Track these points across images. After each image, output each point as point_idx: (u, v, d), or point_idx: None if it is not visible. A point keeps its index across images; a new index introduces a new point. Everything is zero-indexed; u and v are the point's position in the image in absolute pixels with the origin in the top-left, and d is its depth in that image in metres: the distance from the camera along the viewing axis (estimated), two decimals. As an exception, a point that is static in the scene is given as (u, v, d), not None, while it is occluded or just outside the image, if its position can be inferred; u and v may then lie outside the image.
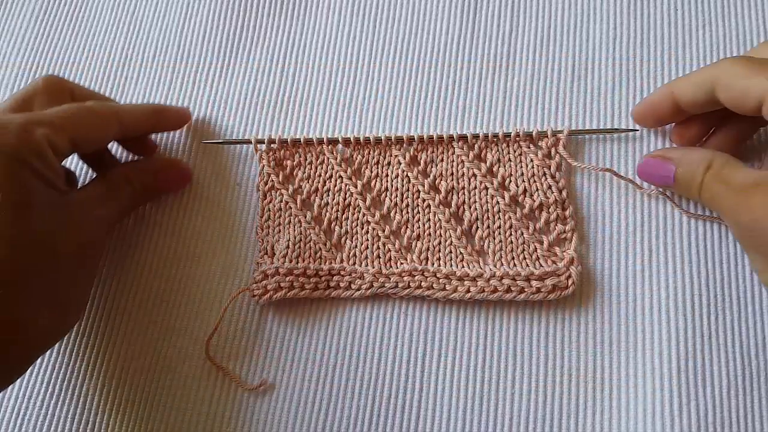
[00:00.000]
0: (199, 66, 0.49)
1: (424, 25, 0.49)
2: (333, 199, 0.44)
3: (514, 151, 0.44)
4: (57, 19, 0.52)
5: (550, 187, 0.43)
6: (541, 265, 0.41)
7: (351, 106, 0.47)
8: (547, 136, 0.43)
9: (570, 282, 0.40)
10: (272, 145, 0.44)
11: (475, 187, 0.43)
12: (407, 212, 0.43)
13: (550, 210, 0.42)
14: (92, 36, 0.51)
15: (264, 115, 0.47)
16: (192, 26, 0.51)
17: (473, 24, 0.49)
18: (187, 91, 0.49)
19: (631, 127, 0.44)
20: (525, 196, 0.43)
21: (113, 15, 0.52)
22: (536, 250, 0.42)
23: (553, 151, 0.43)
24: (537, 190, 0.43)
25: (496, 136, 0.44)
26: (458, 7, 0.49)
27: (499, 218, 0.42)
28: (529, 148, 0.44)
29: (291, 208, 0.43)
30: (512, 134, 0.43)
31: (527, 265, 0.41)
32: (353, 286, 0.42)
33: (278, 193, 0.44)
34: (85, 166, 0.46)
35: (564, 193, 0.42)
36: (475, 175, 0.43)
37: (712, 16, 0.47)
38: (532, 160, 0.43)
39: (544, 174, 0.43)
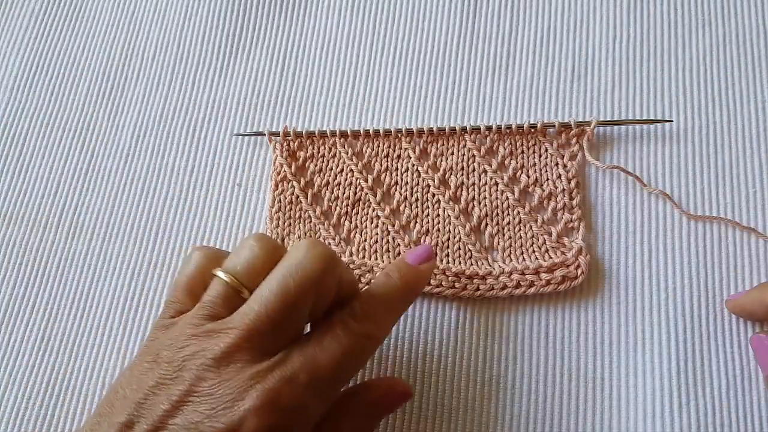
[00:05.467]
0: (199, 66, 0.49)
1: (424, 25, 0.49)
2: (343, 194, 0.44)
3: (528, 141, 0.44)
4: (57, 19, 0.52)
5: (560, 176, 0.43)
6: (550, 257, 0.41)
7: (351, 105, 0.47)
8: (570, 128, 0.43)
9: (579, 272, 0.40)
10: (287, 137, 0.45)
11: (485, 183, 0.43)
12: (417, 207, 0.43)
13: (557, 199, 0.42)
14: (92, 36, 0.51)
15: (264, 114, 0.47)
16: (192, 26, 0.51)
17: (473, 24, 0.49)
18: (187, 91, 0.49)
19: (658, 118, 0.45)
20: (535, 187, 0.43)
21: (113, 15, 0.52)
22: (545, 242, 0.42)
23: (573, 140, 0.43)
24: (547, 179, 0.43)
25: (509, 128, 0.44)
26: (458, 7, 0.49)
27: (509, 214, 0.42)
28: (544, 137, 0.44)
29: (301, 202, 0.43)
30: (538, 126, 0.43)
31: (536, 258, 0.41)
32: (363, 280, 0.41)
33: (290, 185, 0.44)
34: None
35: (573, 183, 0.43)
36: (485, 171, 0.43)
37: (712, 16, 0.47)
38: (546, 150, 0.43)
39: (557, 164, 0.43)
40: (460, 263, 0.42)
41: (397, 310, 0.35)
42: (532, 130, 0.44)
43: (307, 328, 0.35)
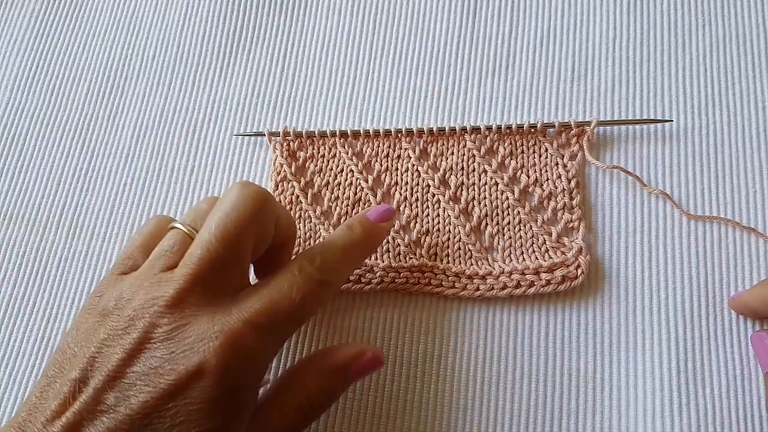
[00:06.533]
0: (199, 66, 0.49)
1: (424, 25, 0.49)
2: (344, 194, 0.44)
3: (527, 142, 0.44)
4: (57, 19, 0.52)
5: (560, 176, 0.43)
6: (550, 257, 0.41)
7: (351, 105, 0.47)
8: (570, 128, 0.43)
9: (579, 272, 0.40)
10: (287, 137, 0.45)
11: (485, 183, 0.43)
12: (417, 207, 0.43)
13: (557, 199, 0.42)
14: (92, 36, 0.51)
15: (264, 114, 0.47)
16: (192, 26, 0.51)
17: (473, 24, 0.49)
18: (187, 91, 0.49)
19: (658, 118, 0.45)
20: (535, 187, 0.43)
21: (113, 15, 0.52)
22: (545, 242, 0.42)
23: (573, 140, 0.43)
24: (547, 179, 0.43)
25: (509, 128, 0.44)
26: (458, 7, 0.49)
27: (509, 214, 0.42)
28: (544, 137, 0.44)
29: (301, 202, 0.43)
30: (538, 126, 0.43)
31: (536, 258, 0.41)
32: (363, 280, 0.41)
33: (290, 185, 0.44)
34: None
35: (573, 183, 0.43)
36: (485, 171, 0.43)
37: (712, 16, 0.47)
38: (546, 150, 0.43)
39: (557, 164, 0.43)
40: (460, 263, 0.42)
41: (354, 262, 0.37)
42: (532, 130, 0.44)
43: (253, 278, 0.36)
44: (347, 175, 0.44)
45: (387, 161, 0.44)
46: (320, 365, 0.34)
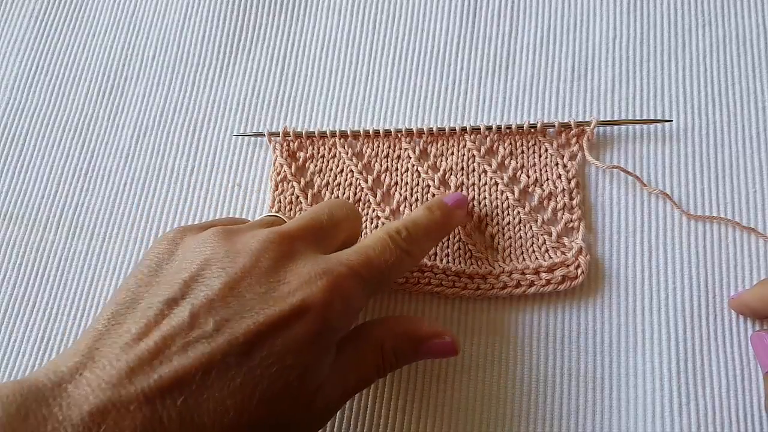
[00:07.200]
0: (199, 66, 0.49)
1: (424, 25, 0.49)
2: (344, 194, 0.44)
3: (527, 142, 0.44)
4: (57, 19, 0.52)
5: (560, 176, 0.43)
6: (550, 257, 0.41)
7: (351, 105, 0.47)
8: (570, 128, 0.43)
9: (579, 272, 0.40)
10: (287, 138, 0.45)
11: (485, 183, 0.43)
12: (416, 207, 0.43)
13: (557, 199, 0.42)
14: (92, 36, 0.51)
15: (264, 114, 0.47)
16: (192, 26, 0.51)
17: (473, 24, 0.49)
18: (187, 91, 0.49)
19: (658, 118, 0.45)
20: (535, 187, 0.43)
21: (113, 15, 0.52)
22: (545, 242, 0.42)
23: (573, 140, 0.43)
24: (547, 179, 0.43)
25: (509, 128, 0.44)
26: (458, 7, 0.49)
27: (509, 214, 0.42)
28: (544, 137, 0.44)
29: (301, 202, 0.43)
30: (538, 126, 0.43)
31: (536, 258, 0.41)
32: None
33: (290, 185, 0.44)
34: None
35: (573, 183, 0.43)
36: (485, 171, 0.43)
37: (712, 16, 0.47)
38: (546, 150, 0.43)
39: (557, 164, 0.43)
40: (460, 263, 0.42)
41: (433, 241, 0.39)
42: (532, 130, 0.44)
43: None
44: (347, 175, 0.44)
45: (387, 161, 0.44)
46: (398, 329, 0.35)
